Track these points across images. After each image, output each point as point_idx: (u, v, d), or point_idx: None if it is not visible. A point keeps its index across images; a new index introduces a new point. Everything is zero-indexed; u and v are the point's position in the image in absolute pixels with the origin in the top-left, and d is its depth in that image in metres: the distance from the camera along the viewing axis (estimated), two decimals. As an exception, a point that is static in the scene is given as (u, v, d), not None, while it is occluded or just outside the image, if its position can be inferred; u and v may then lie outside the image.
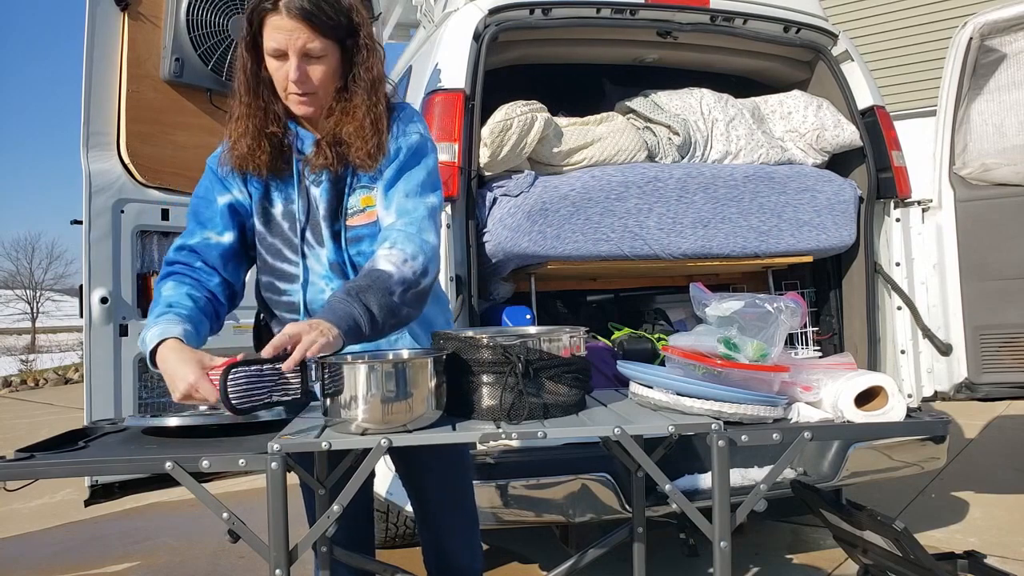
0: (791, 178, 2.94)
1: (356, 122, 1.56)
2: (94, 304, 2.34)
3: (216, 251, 1.65)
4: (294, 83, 1.51)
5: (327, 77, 1.55)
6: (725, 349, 1.51)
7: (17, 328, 30.00)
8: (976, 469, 4.37)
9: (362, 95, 1.56)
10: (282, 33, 1.48)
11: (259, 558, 1.35)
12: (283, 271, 1.67)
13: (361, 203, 1.62)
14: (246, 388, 1.37)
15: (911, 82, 8.85)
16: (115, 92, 2.44)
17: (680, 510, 1.46)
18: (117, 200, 2.41)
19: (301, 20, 1.47)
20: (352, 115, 1.56)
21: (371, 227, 1.62)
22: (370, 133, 1.56)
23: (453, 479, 1.84)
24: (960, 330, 3.05)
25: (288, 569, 1.32)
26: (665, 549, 2.99)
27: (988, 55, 3.15)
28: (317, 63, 1.52)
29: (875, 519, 1.95)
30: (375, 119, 1.56)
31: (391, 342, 1.64)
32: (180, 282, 1.59)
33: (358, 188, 1.62)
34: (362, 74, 1.57)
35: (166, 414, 1.66)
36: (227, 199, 1.65)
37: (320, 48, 1.51)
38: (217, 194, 1.65)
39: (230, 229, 1.65)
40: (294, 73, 1.50)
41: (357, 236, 1.64)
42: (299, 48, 1.49)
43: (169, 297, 1.56)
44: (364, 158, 1.56)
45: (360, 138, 1.55)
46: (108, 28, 2.42)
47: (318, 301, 1.62)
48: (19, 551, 3.81)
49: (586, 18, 2.83)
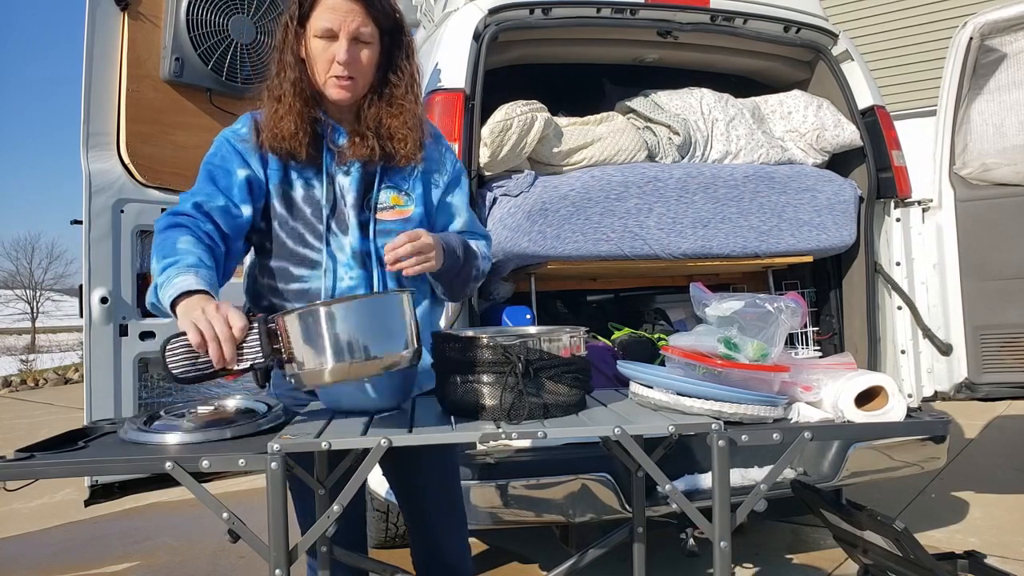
0: (791, 178, 2.94)
1: (403, 116, 1.60)
2: (94, 304, 2.34)
3: (233, 222, 1.57)
4: (341, 64, 1.53)
5: (370, 64, 1.58)
6: (725, 349, 1.51)
7: (17, 328, 29.99)
8: (976, 469, 4.37)
9: (405, 88, 1.61)
10: (337, 14, 1.51)
11: (259, 558, 1.35)
12: (303, 256, 1.63)
13: (391, 201, 1.66)
14: (187, 356, 1.31)
15: (911, 82, 8.84)
16: (115, 92, 2.44)
17: (680, 510, 1.46)
18: (117, 200, 2.41)
19: (358, 2, 1.52)
20: (399, 108, 1.61)
21: (402, 223, 1.65)
22: (415, 126, 1.61)
23: (447, 479, 1.84)
24: (960, 330, 3.05)
25: (288, 569, 1.32)
26: (665, 549, 2.99)
27: (988, 55, 3.15)
28: (365, 48, 1.56)
29: (875, 519, 1.95)
30: (417, 112, 1.63)
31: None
32: (198, 241, 1.48)
33: (387, 187, 1.66)
34: (406, 67, 1.62)
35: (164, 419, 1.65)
36: (246, 173, 1.59)
37: (369, 34, 1.55)
38: (237, 166, 1.59)
39: (247, 203, 1.59)
40: (344, 54, 1.52)
41: (386, 230, 1.65)
42: (352, 30, 1.53)
43: (191, 252, 1.44)
44: (413, 150, 1.62)
45: (409, 130, 1.60)
46: (108, 28, 2.42)
47: (338, 290, 1.61)
48: (19, 551, 3.81)
49: (586, 18, 2.83)
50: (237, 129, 1.64)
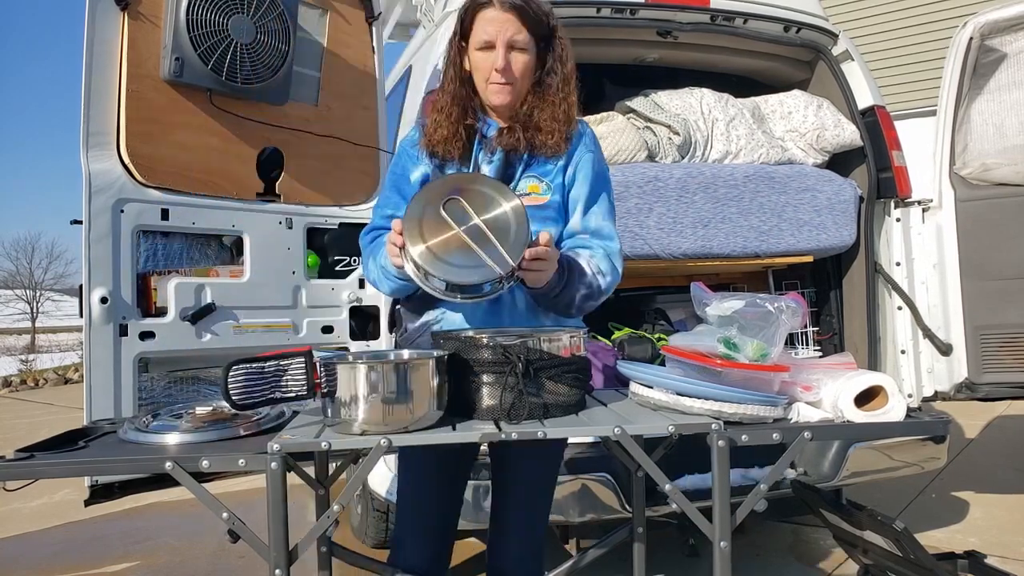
0: (791, 178, 2.93)
1: (552, 108, 1.69)
2: (94, 304, 2.34)
3: None
4: (498, 71, 1.64)
5: (527, 69, 1.68)
6: (725, 349, 1.51)
7: (17, 328, 29.99)
8: (976, 469, 4.37)
9: (557, 84, 1.70)
10: (494, 25, 1.64)
11: (259, 558, 1.35)
12: None
13: (528, 188, 1.73)
14: (245, 384, 1.39)
15: (911, 82, 8.84)
16: (115, 92, 2.43)
17: (680, 510, 1.46)
18: (117, 200, 2.41)
19: (512, 11, 1.64)
20: (549, 102, 1.70)
21: (537, 210, 1.70)
22: (563, 120, 1.69)
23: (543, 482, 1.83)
24: (960, 330, 3.05)
25: (288, 569, 1.32)
26: (665, 549, 2.99)
27: (988, 55, 3.15)
28: (520, 54, 1.66)
29: (875, 519, 1.95)
30: (568, 108, 1.71)
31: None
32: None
33: (528, 175, 1.74)
34: (558, 67, 1.71)
35: (163, 419, 1.65)
36: (420, 172, 1.75)
37: (524, 40, 1.66)
38: (411, 170, 1.77)
39: None
40: (500, 61, 1.64)
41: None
42: (507, 38, 1.64)
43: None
44: (558, 142, 1.69)
45: (556, 122, 1.69)
46: (108, 28, 2.41)
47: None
48: (19, 551, 3.81)
49: (586, 18, 2.83)
50: (410, 136, 1.82)
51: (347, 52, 2.85)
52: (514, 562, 1.80)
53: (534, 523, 1.81)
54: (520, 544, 1.80)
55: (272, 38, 2.61)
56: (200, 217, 2.58)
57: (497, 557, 1.83)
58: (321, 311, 2.74)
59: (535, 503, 1.81)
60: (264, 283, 2.65)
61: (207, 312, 2.51)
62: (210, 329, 2.52)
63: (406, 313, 1.81)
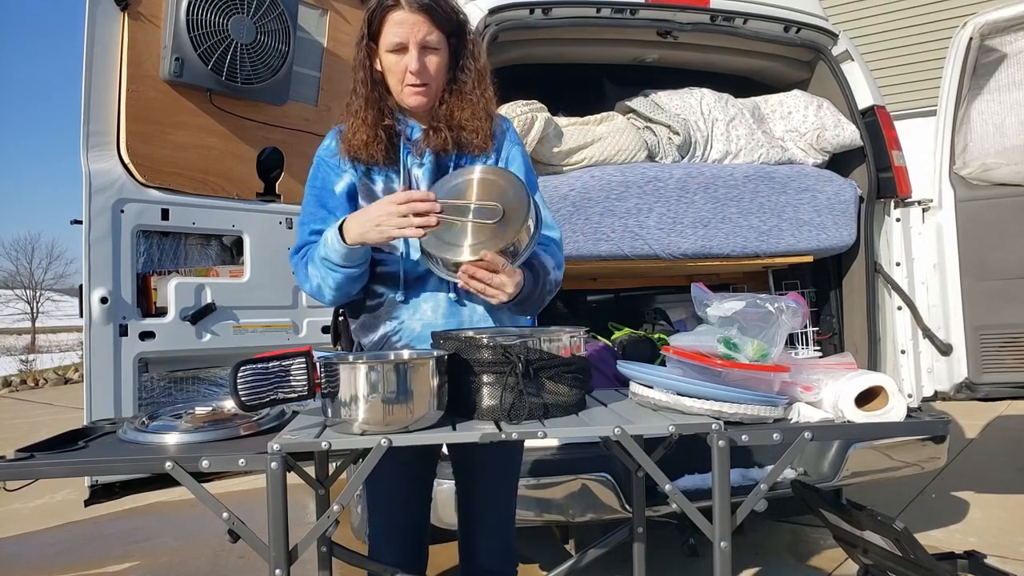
0: (791, 178, 2.94)
1: (471, 107, 1.69)
2: (94, 304, 2.34)
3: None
4: (413, 73, 1.63)
5: (441, 69, 1.68)
6: (725, 349, 1.51)
7: (17, 328, 29.99)
8: (976, 469, 4.37)
9: (473, 83, 1.70)
10: (404, 27, 1.61)
11: (259, 558, 1.35)
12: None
13: None
14: (252, 384, 1.39)
15: (911, 82, 8.84)
16: (115, 92, 2.44)
17: (680, 510, 1.46)
18: (117, 200, 2.41)
19: (422, 12, 1.61)
20: (467, 101, 1.70)
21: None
22: (484, 117, 1.70)
23: (504, 478, 1.84)
24: (960, 330, 3.05)
25: (288, 569, 1.32)
26: (665, 549, 2.99)
27: (988, 55, 3.15)
28: (433, 54, 1.65)
29: (875, 519, 1.95)
30: (486, 104, 1.71)
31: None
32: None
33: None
34: (471, 64, 1.71)
35: (163, 419, 1.65)
36: (344, 183, 1.73)
37: (436, 40, 1.64)
38: (334, 183, 1.74)
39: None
40: (415, 63, 1.62)
41: None
42: (419, 39, 1.62)
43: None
44: (484, 139, 1.70)
45: (477, 120, 1.69)
46: (108, 28, 2.42)
47: (414, 271, 1.69)
48: (19, 551, 3.81)
49: (586, 18, 2.83)
50: (327, 145, 1.77)
51: (347, 52, 2.85)
52: (486, 561, 1.82)
53: (503, 521, 1.83)
54: (490, 543, 1.82)
55: (272, 38, 2.61)
56: (200, 217, 2.58)
57: (469, 558, 1.84)
58: (321, 311, 2.75)
59: (500, 501, 1.82)
60: (264, 283, 2.66)
61: (207, 312, 2.52)
62: (210, 329, 2.53)
63: (357, 328, 1.78)
